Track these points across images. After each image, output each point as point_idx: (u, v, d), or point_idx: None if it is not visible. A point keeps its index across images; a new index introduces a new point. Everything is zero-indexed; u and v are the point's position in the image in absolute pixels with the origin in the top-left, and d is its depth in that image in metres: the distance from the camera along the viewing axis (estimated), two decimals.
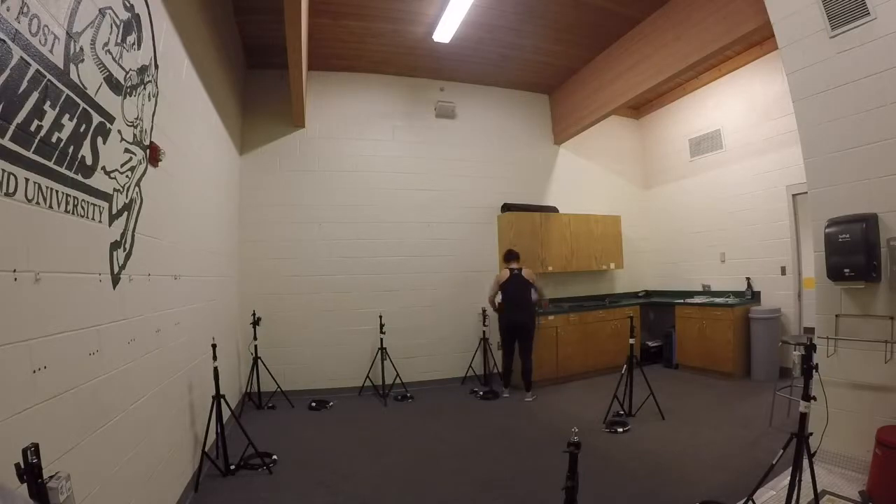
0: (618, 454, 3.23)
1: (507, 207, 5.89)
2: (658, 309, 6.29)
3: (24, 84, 1.26)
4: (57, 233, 1.45)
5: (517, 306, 4.82)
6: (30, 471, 1.05)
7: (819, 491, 2.26)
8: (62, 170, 1.46)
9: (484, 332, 5.56)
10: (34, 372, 1.30)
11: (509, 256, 4.98)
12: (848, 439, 2.62)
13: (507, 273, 4.88)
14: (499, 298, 4.94)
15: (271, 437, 3.65)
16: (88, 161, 1.62)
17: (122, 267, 1.92)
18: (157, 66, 2.27)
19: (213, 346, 3.03)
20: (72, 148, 1.51)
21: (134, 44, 1.99)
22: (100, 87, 1.69)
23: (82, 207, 1.59)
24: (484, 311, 5.60)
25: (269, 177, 5.14)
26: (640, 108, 6.99)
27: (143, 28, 2.10)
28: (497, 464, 3.18)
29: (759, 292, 5.28)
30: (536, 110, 6.37)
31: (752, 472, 2.47)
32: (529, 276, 4.89)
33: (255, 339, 4.66)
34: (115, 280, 1.86)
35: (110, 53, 1.77)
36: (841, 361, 2.72)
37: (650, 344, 6.17)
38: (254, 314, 4.66)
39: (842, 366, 2.71)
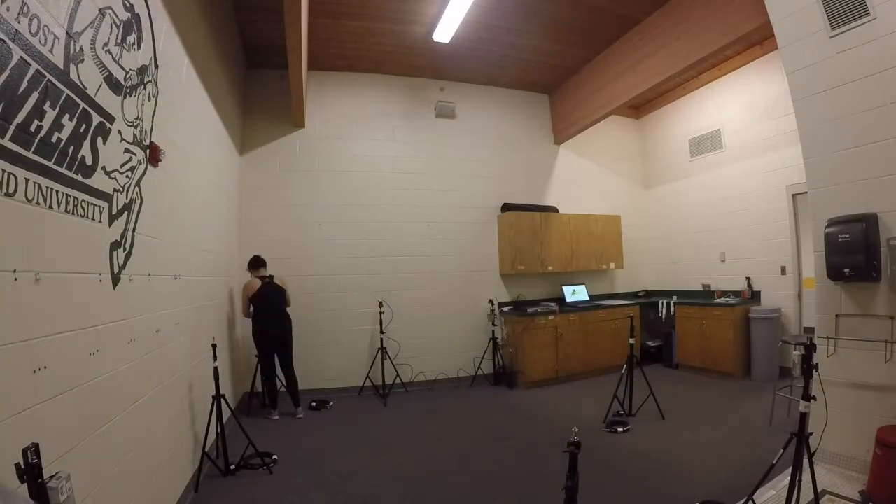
0: (618, 454, 3.23)
1: (507, 207, 5.89)
2: (658, 309, 6.28)
3: (24, 84, 1.26)
4: (57, 233, 1.45)
5: (275, 316, 4.30)
6: (30, 471, 1.05)
7: (819, 491, 2.27)
8: (62, 170, 1.46)
9: (493, 331, 5.59)
10: (34, 372, 1.30)
11: (257, 263, 4.39)
12: (848, 439, 2.62)
13: (257, 283, 4.25)
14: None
15: (271, 437, 3.65)
16: (88, 161, 1.62)
17: (122, 267, 1.92)
18: (157, 66, 2.27)
19: (214, 345, 3.03)
20: (72, 148, 1.51)
21: (134, 44, 1.99)
22: (100, 87, 1.69)
23: (82, 207, 1.59)
24: (492, 310, 5.62)
25: (269, 177, 5.14)
26: (640, 107, 6.99)
27: (143, 28, 2.10)
28: (497, 464, 3.18)
29: (759, 292, 5.28)
30: (536, 110, 6.37)
31: (752, 472, 2.47)
32: (282, 282, 4.41)
33: None
34: (115, 280, 1.86)
35: (110, 53, 1.77)
36: (841, 361, 2.72)
37: (650, 344, 6.17)
38: None
39: (842, 366, 2.71)
